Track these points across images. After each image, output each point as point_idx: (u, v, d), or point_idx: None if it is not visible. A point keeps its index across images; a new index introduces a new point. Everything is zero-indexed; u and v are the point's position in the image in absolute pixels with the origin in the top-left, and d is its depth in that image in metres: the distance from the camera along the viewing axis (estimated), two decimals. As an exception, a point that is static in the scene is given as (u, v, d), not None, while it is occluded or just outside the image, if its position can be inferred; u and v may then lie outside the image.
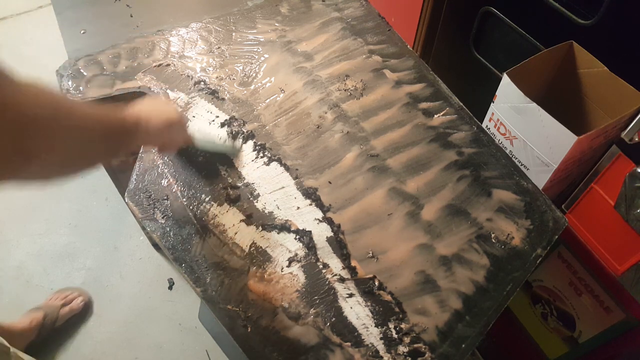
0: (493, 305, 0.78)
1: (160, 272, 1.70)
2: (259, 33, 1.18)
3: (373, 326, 0.75)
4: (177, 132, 0.81)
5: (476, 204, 0.90)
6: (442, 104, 1.05)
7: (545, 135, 0.93)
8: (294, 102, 1.03)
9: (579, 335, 1.10)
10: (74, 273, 1.69)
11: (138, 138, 0.72)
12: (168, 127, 0.76)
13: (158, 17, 1.23)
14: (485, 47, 1.30)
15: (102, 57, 1.10)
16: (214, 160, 0.92)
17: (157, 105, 0.78)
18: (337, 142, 0.96)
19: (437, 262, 0.82)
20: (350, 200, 0.88)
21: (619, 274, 0.94)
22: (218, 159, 0.92)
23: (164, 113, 0.76)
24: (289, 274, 0.79)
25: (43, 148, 0.51)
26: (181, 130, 0.82)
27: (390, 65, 1.12)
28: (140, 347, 1.53)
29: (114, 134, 0.66)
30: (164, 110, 0.76)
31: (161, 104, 0.79)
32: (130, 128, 0.69)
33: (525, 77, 0.96)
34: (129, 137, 0.69)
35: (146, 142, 0.78)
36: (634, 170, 0.84)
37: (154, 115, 0.74)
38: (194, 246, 0.81)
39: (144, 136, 0.72)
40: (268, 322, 0.74)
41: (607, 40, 0.98)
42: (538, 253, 0.85)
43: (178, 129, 0.80)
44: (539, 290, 1.19)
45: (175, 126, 0.78)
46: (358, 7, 1.26)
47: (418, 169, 0.93)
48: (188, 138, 0.86)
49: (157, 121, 0.73)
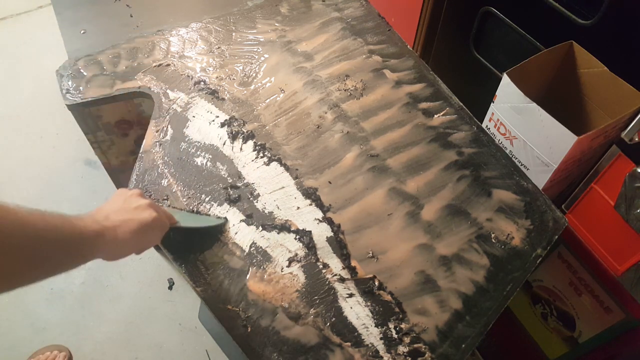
0: (493, 305, 0.78)
1: (160, 272, 1.70)
2: (259, 33, 1.18)
3: (373, 326, 0.75)
4: (154, 232, 0.69)
5: (476, 204, 0.90)
6: (442, 104, 1.05)
7: (545, 135, 0.93)
8: (294, 102, 1.03)
9: (579, 335, 1.10)
10: (74, 273, 1.69)
11: (102, 250, 0.62)
12: (142, 233, 0.65)
13: (158, 17, 1.23)
14: (485, 47, 1.30)
15: (102, 57, 1.10)
16: (214, 160, 0.92)
17: (128, 205, 0.67)
18: (337, 142, 0.96)
19: (437, 262, 0.82)
20: (350, 200, 0.88)
21: (619, 274, 0.94)
22: (218, 159, 0.92)
23: (137, 215, 0.66)
24: (289, 274, 0.79)
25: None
26: (159, 227, 0.70)
27: (390, 65, 1.12)
28: (140, 347, 1.53)
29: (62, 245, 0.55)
30: (136, 212, 0.66)
31: (133, 202, 0.68)
32: (90, 241, 0.59)
33: (525, 77, 0.96)
34: (89, 250, 0.59)
35: (115, 252, 0.64)
36: (634, 170, 0.83)
37: (124, 221, 0.64)
38: (194, 246, 0.81)
39: (112, 247, 0.63)
40: (268, 322, 0.74)
41: (607, 40, 0.98)
42: (538, 253, 0.85)
43: (154, 229, 0.69)
44: (539, 290, 1.19)
45: (150, 228, 0.67)
46: (358, 7, 1.26)
47: (418, 169, 0.93)
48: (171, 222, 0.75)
49: (128, 228, 0.64)
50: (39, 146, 2.03)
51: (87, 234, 0.59)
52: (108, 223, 0.62)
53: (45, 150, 2.02)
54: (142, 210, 0.67)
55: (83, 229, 0.58)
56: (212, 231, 0.82)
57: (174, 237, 0.80)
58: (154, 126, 0.97)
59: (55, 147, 2.03)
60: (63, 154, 2.01)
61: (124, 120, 1.24)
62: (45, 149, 2.02)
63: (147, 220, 0.67)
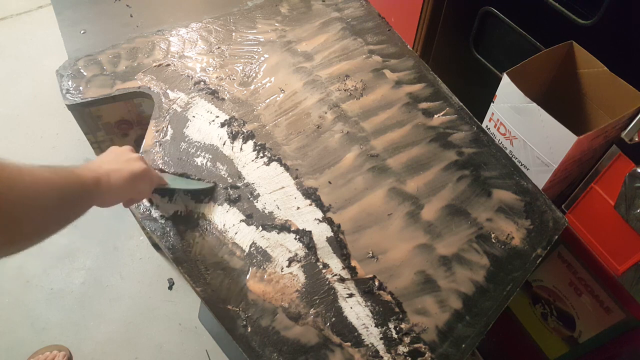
0: (493, 305, 0.78)
1: (160, 272, 1.70)
2: (259, 33, 1.18)
3: (373, 326, 0.75)
4: (143, 183, 0.74)
5: (476, 204, 0.90)
6: (442, 104, 1.05)
7: (545, 135, 0.93)
8: (294, 102, 1.03)
9: (579, 335, 1.10)
10: (74, 273, 1.69)
11: (100, 197, 0.66)
12: (132, 181, 0.70)
13: (158, 17, 1.23)
14: (485, 47, 1.30)
15: (102, 57, 1.10)
16: (214, 160, 0.92)
17: (120, 157, 0.72)
18: (337, 142, 0.96)
19: (437, 262, 0.82)
20: (350, 200, 0.88)
21: (619, 274, 0.94)
22: (218, 159, 0.92)
23: (127, 166, 0.71)
24: (289, 274, 0.79)
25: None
26: (148, 179, 0.75)
27: (390, 65, 1.12)
28: (140, 347, 1.53)
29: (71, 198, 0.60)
30: (127, 163, 0.71)
31: (124, 155, 0.73)
32: (89, 187, 0.63)
33: (525, 77, 0.96)
34: (88, 197, 0.63)
35: (109, 199, 0.69)
36: (634, 170, 0.83)
37: (116, 170, 0.69)
38: (194, 246, 0.81)
39: (106, 193, 0.67)
40: (268, 322, 0.74)
41: (607, 40, 0.98)
42: (538, 253, 0.85)
43: (143, 179, 0.74)
44: (539, 290, 1.19)
45: (140, 178, 0.72)
46: (358, 7, 1.26)
47: (418, 169, 0.93)
48: (158, 183, 0.80)
49: (120, 175, 0.68)
50: (39, 146, 2.03)
51: (87, 182, 0.63)
52: (102, 171, 0.67)
53: (45, 150, 2.02)
54: (133, 162, 0.73)
55: (83, 178, 0.63)
56: (200, 193, 0.86)
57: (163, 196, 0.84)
58: (154, 126, 0.97)
59: (55, 147, 2.04)
60: (63, 154, 2.01)
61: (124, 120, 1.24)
62: (45, 149, 2.02)
63: (137, 170, 0.72)
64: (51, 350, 1.47)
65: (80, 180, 0.62)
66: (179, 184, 0.85)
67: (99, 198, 0.66)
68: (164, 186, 0.82)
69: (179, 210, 0.85)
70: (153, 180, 0.78)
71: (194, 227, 0.83)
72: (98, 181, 0.65)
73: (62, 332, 1.55)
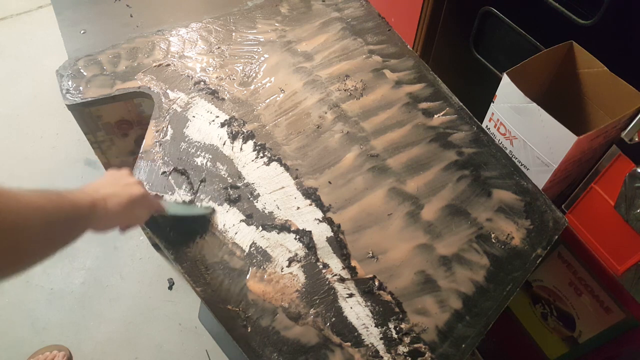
0: (493, 305, 0.78)
1: (160, 272, 1.70)
2: (259, 33, 1.18)
3: (373, 326, 0.75)
4: (141, 208, 0.73)
5: (476, 204, 0.90)
6: (442, 104, 1.05)
7: (545, 135, 0.93)
8: (294, 102, 1.03)
9: (579, 335, 1.10)
10: (74, 273, 1.69)
11: (96, 222, 0.64)
12: (130, 206, 0.69)
13: (158, 17, 1.23)
14: (485, 47, 1.30)
15: (102, 57, 1.10)
16: (214, 160, 0.92)
17: (118, 181, 0.71)
18: (337, 142, 0.96)
19: (437, 262, 0.82)
20: (350, 200, 0.88)
21: (619, 274, 0.94)
22: (218, 159, 0.92)
23: (125, 190, 0.69)
24: (289, 274, 0.79)
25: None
26: (146, 204, 0.74)
27: (390, 65, 1.12)
28: (140, 347, 1.53)
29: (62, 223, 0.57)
30: (125, 188, 0.70)
31: (123, 179, 0.72)
32: (84, 212, 0.61)
33: (525, 77, 0.96)
34: (84, 222, 0.61)
35: (105, 224, 0.67)
36: (634, 170, 0.83)
37: (114, 194, 0.67)
38: (194, 246, 0.81)
39: (103, 218, 0.65)
40: (268, 322, 0.74)
41: (607, 40, 0.98)
42: (538, 253, 0.85)
43: (142, 204, 0.72)
44: (539, 290, 1.19)
45: (138, 203, 0.71)
46: (358, 7, 1.26)
47: (418, 169, 0.93)
48: (156, 209, 0.78)
49: (117, 201, 0.67)
50: (39, 146, 2.03)
51: (81, 206, 0.61)
52: (98, 195, 0.65)
53: (45, 150, 2.02)
54: (130, 186, 0.71)
55: (78, 203, 0.60)
56: (199, 219, 0.84)
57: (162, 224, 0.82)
58: (154, 126, 0.97)
59: (55, 147, 2.04)
60: (63, 154, 2.01)
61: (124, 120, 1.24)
62: (45, 149, 2.02)
63: (135, 195, 0.70)
64: (51, 350, 1.47)
65: (72, 205, 0.59)
66: (177, 210, 0.83)
67: (95, 223, 0.64)
68: (161, 213, 0.79)
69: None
70: (152, 205, 0.76)
71: (194, 227, 0.83)
72: (94, 206, 0.63)
73: (62, 332, 1.55)
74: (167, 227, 0.82)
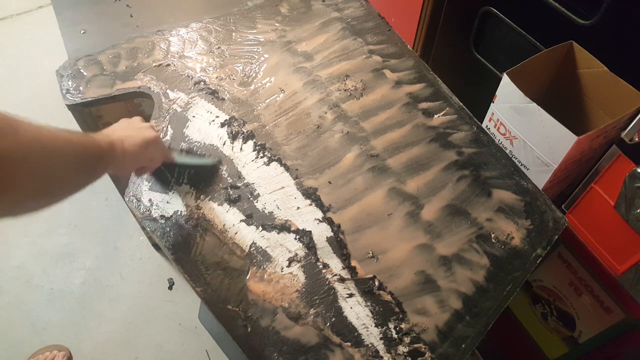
0: (493, 305, 0.78)
1: (160, 272, 1.70)
2: (259, 33, 1.18)
3: (373, 326, 0.75)
4: (155, 150, 0.78)
5: (476, 204, 0.90)
6: (442, 104, 1.05)
7: (545, 135, 0.93)
8: (294, 102, 1.03)
9: (579, 335, 1.10)
10: (74, 273, 1.69)
11: (114, 161, 0.68)
12: (145, 147, 0.74)
13: (158, 17, 1.23)
14: (485, 47, 1.30)
15: (102, 57, 1.10)
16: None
17: (131, 125, 0.76)
18: (337, 142, 0.96)
19: (437, 262, 0.82)
20: (350, 200, 0.88)
21: (619, 274, 0.94)
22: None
23: (139, 133, 0.74)
24: (289, 274, 0.79)
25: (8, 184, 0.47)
26: (159, 148, 0.79)
27: (390, 65, 1.12)
28: (140, 347, 1.53)
29: (89, 160, 0.62)
30: (139, 130, 0.75)
31: (136, 124, 0.77)
32: (106, 151, 0.65)
33: (525, 77, 0.96)
34: (104, 161, 0.65)
35: (123, 164, 0.71)
36: (634, 170, 0.83)
37: (129, 136, 0.72)
38: (194, 246, 0.81)
39: (121, 159, 0.69)
40: (268, 322, 0.74)
41: (607, 40, 0.98)
42: (538, 253, 0.85)
43: (155, 147, 0.78)
44: (539, 290, 1.19)
45: (152, 145, 0.76)
46: (358, 7, 1.26)
47: (418, 169, 0.93)
48: (167, 154, 0.83)
49: (133, 142, 0.71)
50: (39, 146, 2.03)
51: (102, 145, 0.65)
52: (115, 137, 0.69)
53: (45, 150, 2.01)
54: (144, 130, 0.76)
55: (99, 141, 0.64)
56: (205, 169, 0.90)
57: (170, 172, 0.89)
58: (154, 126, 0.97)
59: (55, 147, 2.03)
60: (63, 154, 2.00)
61: (124, 120, 1.24)
62: (45, 149, 2.02)
63: (149, 137, 0.75)
64: (51, 350, 1.47)
65: (96, 143, 0.63)
66: (185, 160, 0.89)
67: (114, 162, 0.68)
68: (171, 160, 0.86)
69: (179, 210, 0.85)
70: (164, 149, 0.82)
71: (194, 227, 0.83)
72: (112, 146, 0.67)
73: (62, 332, 1.55)
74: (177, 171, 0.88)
